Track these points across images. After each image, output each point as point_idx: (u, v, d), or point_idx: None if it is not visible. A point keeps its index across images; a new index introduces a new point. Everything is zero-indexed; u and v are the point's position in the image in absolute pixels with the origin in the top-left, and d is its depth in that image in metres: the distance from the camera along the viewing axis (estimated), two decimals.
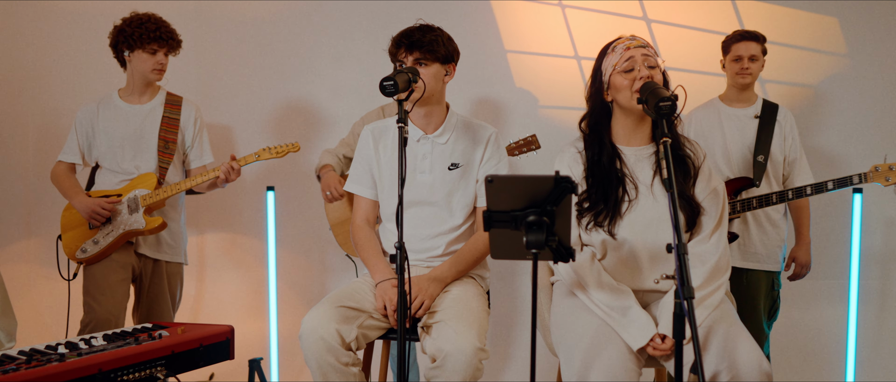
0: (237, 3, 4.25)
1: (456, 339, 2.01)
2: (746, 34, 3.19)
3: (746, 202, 3.09)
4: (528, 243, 1.70)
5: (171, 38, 2.93)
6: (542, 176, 1.69)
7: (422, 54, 2.31)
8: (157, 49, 2.90)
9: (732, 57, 3.21)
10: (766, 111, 3.23)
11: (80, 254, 2.85)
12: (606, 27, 4.19)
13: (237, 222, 4.21)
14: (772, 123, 3.19)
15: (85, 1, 3.91)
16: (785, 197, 3.06)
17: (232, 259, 4.23)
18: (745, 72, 3.17)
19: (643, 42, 2.17)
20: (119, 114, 2.99)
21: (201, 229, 4.27)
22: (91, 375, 1.85)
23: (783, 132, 3.21)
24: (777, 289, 3.23)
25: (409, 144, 2.38)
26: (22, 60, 3.74)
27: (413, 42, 2.31)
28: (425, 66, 2.32)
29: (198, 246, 4.26)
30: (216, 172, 2.87)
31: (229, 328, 2.25)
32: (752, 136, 3.18)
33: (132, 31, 2.86)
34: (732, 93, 3.27)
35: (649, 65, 2.12)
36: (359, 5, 4.20)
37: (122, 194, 2.88)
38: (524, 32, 4.23)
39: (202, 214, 4.22)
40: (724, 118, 3.24)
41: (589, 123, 2.24)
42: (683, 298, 1.72)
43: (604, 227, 2.10)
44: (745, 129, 3.20)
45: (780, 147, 3.20)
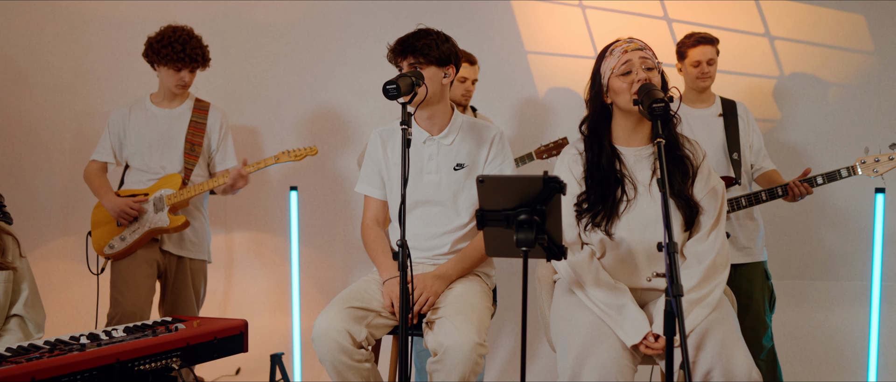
0: (265, 9, 4.37)
1: (455, 334, 2.08)
2: (702, 38, 3.27)
3: (735, 202, 3.12)
4: (518, 241, 1.75)
5: (195, 60, 3.03)
6: (532, 176, 1.74)
7: (415, 58, 2.38)
8: (181, 68, 3.02)
9: (691, 62, 3.28)
10: (727, 109, 3.31)
11: (107, 250, 2.99)
12: (627, 27, 4.20)
13: (263, 221, 4.33)
14: (735, 119, 3.27)
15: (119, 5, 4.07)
16: (775, 194, 3.10)
17: (258, 257, 4.36)
18: (705, 76, 3.26)
19: (640, 44, 2.20)
20: (149, 117, 3.12)
21: (229, 227, 4.41)
22: (109, 364, 1.96)
23: (747, 127, 3.29)
24: (770, 279, 3.27)
25: (415, 145, 2.46)
26: (60, 64, 3.91)
27: (406, 47, 2.38)
28: (421, 69, 2.38)
29: (226, 244, 4.39)
30: (225, 177, 2.96)
31: (243, 323, 2.35)
32: (720, 134, 3.25)
33: (159, 49, 2.99)
34: (692, 95, 3.35)
35: (647, 66, 2.15)
36: (382, 9, 4.28)
37: (149, 194, 3.01)
38: (544, 33, 4.27)
39: (230, 213, 4.35)
40: (690, 120, 3.28)
41: (589, 126, 2.28)
42: (672, 296, 1.76)
43: (601, 227, 2.14)
44: (712, 128, 3.27)
45: (746, 140, 3.28)
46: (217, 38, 4.38)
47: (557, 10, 4.26)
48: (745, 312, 3.18)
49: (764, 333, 3.21)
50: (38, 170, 3.74)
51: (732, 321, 2.04)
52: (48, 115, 3.81)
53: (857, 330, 3.77)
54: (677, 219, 2.15)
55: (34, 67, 3.76)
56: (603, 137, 2.24)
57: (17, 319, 2.29)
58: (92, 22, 4.01)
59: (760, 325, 3.19)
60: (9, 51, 3.63)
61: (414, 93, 2.18)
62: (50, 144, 3.84)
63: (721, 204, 2.19)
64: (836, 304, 3.93)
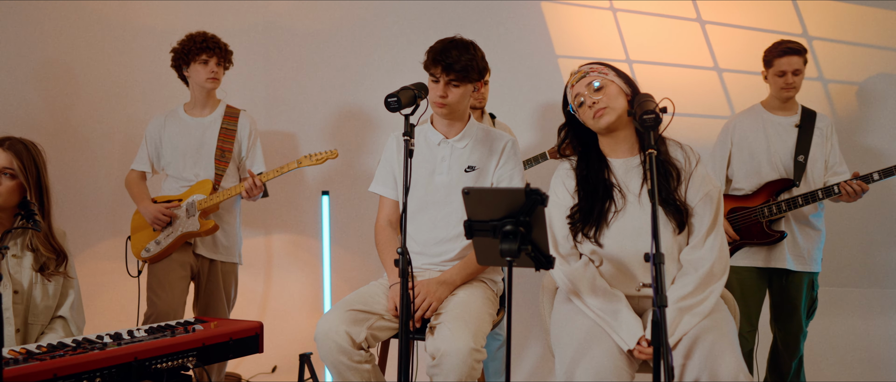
0: (302, 18, 4.51)
1: (452, 339, 2.14)
2: (789, 48, 3.20)
3: (792, 202, 3.11)
4: (503, 251, 1.81)
5: (218, 47, 3.17)
6: (515, 189, 1.79)
7: (456, 76, 2.44)
8: (208, 59, 3.17)
9: (776, 71, 3.22)
10: (805, 119, 3.26)
11: (144, 254, 3.16)
12: (658, 30, 4.18)
13: (300, 224, 4.48)
14: (811, 128, 3.22)
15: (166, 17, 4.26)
16: (831, 192, 3.07)
17: (295, 259, 4.50)
18: (790, 86, 3.20)
19: (583, 72, 2.25)
20: (183, 126, 3.28)
21: (268, 230, 4.57)
22: (127, 362, 2.09)
23: (823, 137, 3.23)
24: (816, 290, 3.24)
25: (429, 147, 2.55)
26: (109, 75, 4.13)
27: (449, 65, 2.43)
28: (456, 86, 2.46)
29: (265, 247, 4.56)
30: (242, 187, 3.09)
31: (258, 325, 2.46)
32: (792, 142, 3.22)
33: (184, 48, 3.15)
34: (775, 102, 3.30)
35: (597, 84, 2.19)
36: (413, 14, 4.36)
37: (183, 199, 3.17)
38: (575, 37, 4.27)
39: (269, 216, 4.51)
40: (767, 125, 3.28)
41: (572, 143, 2.35)
42: (657, 306, 1.78)
43: (590, 237, 2.17)
44: (786, 136, 3.24)
45: (822, 151, 3.22)
46: (258, 47, 4.55)
47: (588, 14, 4.26)
48: (790, 318, 3.21)
49: (802, 338, 3.23)
50: (88, 174, 3.96)
51: (725, 328, 2.04)
52: (98, 122, 4.02)
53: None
54: (668, 225, 2.16)
55: (86, 75, 3.98)
56: (591, 149, 2.29)
57: (62, 320, 2.46)
58: (140, 33, 4.21)
59: (798, 330, 3.22)
60: (66, 58, 3.85)
61: (416, 105, 2.25)
62: (100, 149, 4.06)
63: (716, 209, 2.20)
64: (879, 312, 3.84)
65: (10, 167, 2.35)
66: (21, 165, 2.37)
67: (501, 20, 4.33)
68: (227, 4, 4.45)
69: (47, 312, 2.41)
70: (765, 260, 3.18)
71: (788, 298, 3.20)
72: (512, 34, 4.31)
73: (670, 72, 4.16)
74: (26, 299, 2.35)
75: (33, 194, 2.39)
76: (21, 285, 2.34)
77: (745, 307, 3.20)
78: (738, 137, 3.31)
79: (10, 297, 2.31)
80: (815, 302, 3.24)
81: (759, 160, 3.23)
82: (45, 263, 2.38)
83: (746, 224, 3.18)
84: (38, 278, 2.37)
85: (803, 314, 3.20)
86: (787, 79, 3.18)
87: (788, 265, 3.15)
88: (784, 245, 3.15)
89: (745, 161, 3.27)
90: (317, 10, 4.53)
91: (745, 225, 3.18)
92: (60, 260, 2.43)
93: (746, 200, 3.21)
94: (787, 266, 3.15)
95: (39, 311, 2.37)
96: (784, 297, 3.22)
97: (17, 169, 2.36)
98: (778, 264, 3.16)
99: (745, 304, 3.19)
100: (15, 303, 2.33)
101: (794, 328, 3.21)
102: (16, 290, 2.33)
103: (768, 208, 3.14)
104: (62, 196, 3.85)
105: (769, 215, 3.13)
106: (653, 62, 4.19)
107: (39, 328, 2.40)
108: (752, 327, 3.23)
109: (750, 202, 3.20)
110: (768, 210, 3.14)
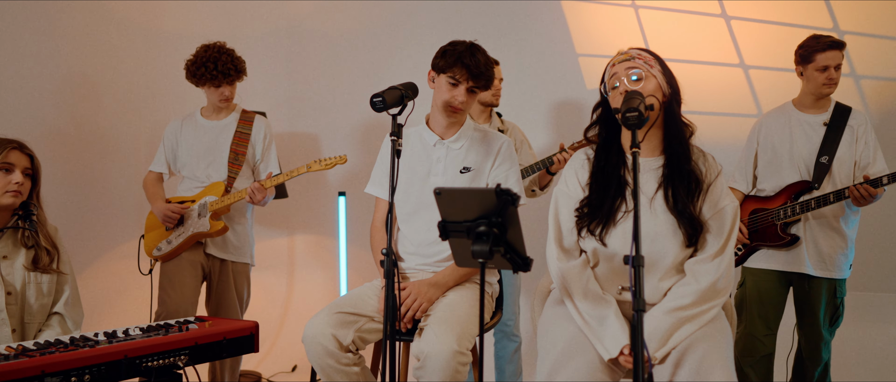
0: (324, 21, 4.54)
1: (435, 342, 2.12)
2: (833, 43, 3.02)
3: (805, 204, 2.98)
4: (474, 252, 1.77)
5: (229, 74, 3.19)
6: (485, 189, 1.75)
7: (478, 83, 2.44)
8: (220, 83, 3.20)
9: (817, 66, 3.04)
10: (836, 116, 3.08)
11: (155, 252, 3.23)
12: (682, 26, 4.08)
13: (321, 224, 4.51)
14: (841, 126, 3.04)
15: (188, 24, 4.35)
16: (841, 195, 2.92)
17: (317, 259, 4.54)
18: (832, 82, 3.04)
19: (629, 55, 2.15)
20: (198, 129, 3.33)
21: (291, 231, 4.62)
22: (117, 360, 2.12)
23: (855, 135, 3.04)
24: (840, 297, 3.07)
25: (425, 148, 2.54)
26: (134, 79, 4.23)
27: (477, 74, 2.42)
28: (475, 92, 2.46)
29: (287, 247, 4.61)
30: (245, 192, 3.12)
31: (254, 324, 2.47)
32: (818, 141, 3.06)
33: (195, 71, 3.19)
34: (808, 100, 3.13)
35: (635, 76, 2.10)
36: (434, 15, 4.36)
37: (195, 200, 3.22)
38: (596, 35, 4.20)
39: (291, 217, 4.56)
40: (794, 124, 3.12)
41: (601, 132, 2.25)
42: (635, 310, 1.72)
43: (596, 234, 2.11)
44: (813, 135, 3.08)
45: (850, 151, 3.03)
46: (281, 50, 4.61)
47: (609, 11, 4.18)
48: (812, 325, 3.08)
49: (824, 346, 3.08)
50: (114, 177, 4.06)
51: (719, 339, 1.96)
52: (123, 126, 4.13)
53: None
54: (678, 235, 2.08)
55: (110, 82, 4.09)
56: (613, 142, 2.21)
57: (58, 316, 2.53)
58: (162, 39, 4.31)
59: (817, 336, 3.07)
60: (85, 68, 3.97)
61: (404, 105, 2.24)
62: (125, 153, 4.16)
63: (731, 227, 2.09)
64: None
65: (29, 167, 2.46)
66: (33, 166, 2.49)
67: (521, 19, 4.28)
68: (250, 8, 4.52)
69: (43, 310, 2.47)
70: (784, 263, 3.06)
71: (808, 304, 3.06)
72: (532, 33, 4.26)
73: (695, 69, 4.05)
74: (21, 299, 2.42)
75: (35, 191, 2.48)
76: (14, 286, 2.41)
77: (762, 310, 3.09)
78: (764, 136, 3.18)
79: (2, 298, 2.37)
80: (838, 310, 3.07)
81: (780, 161, 3.10)
82: (37, 256, 2.45)
83: (762, 226, 3.07)
84: (31, 277, 2.44)
85: (824, 322, 3.05)
86: (829, 74, 3.00)
87: (808, 269, 3.02)
88: (803, 249, 3.02)
89: (769, 162, 3.14)
90: (339, 12, 4.56)
91: (762, 227, 3.07)
92: (52, 254, 2.49)
93: (768, 202, 3.10)
94: (807, 271, 3.02)
95: (35, 310, 2.44)
96: (804, 302, 3.08)
97: (32, 170, 2.47)
98: (798, 268, 3.03)
99: (762, 307, 3.09)
100: (9, 304, 2.39)
101: (814, 336, 3.07)
102: (9, 291, 2.40)
103: (784, 210, 3.02)
104: (88, 199, 3.97)
105: (784, 218, 3.01)
106: (676, 60, 4.07)
107: (36, 326, 2.46)
108: (770, 331, 3.11)
109: (770, 204, 3.09)
110: (783, 213, 3.02)
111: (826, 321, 3.06)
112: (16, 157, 2.42)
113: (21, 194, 2.43)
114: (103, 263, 4.01)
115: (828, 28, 3.88)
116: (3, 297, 2.39)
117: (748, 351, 3.12)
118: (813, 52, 3.03)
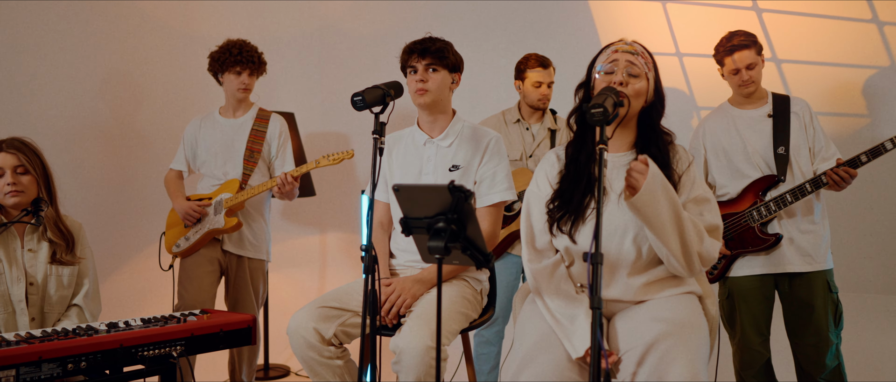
0: (356, 24, 4.63)
1: (409, 337, 2.14)
2: (735, 45, 2.95)
3: (781, 200, 2.87)
4: (430, 248, 1.80)
5: (251, 61, 3.32)
6: (439, 186, 1.77)
7: (433, 60, 2.49)
8: (241, 71, 3.32)
9: (729, 70, 2.99)
10: (778, 106, 3.00)
11: (174, 249, 3.36)
12: (711, 20, 3.97)
13: (352, 222, 4.60)
14: (786, 115, 2.96)
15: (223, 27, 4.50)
16: (819, 183, 2.83)
17: (348, 256, 4.63)
18: (747, 83, 2.97)
19: (635, 49, 2.13)
20: (216, 127, 3.46)
21: (323, 228, 4.72)
22: (113, 349, 2.24)
23: (802, 122, 2.96)
24: (835, 291, 2.92)
25: (416, 147, 2.57)
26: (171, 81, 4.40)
27: (425, 49, 2.49)
28: (436, 71, 2.48)
29: (320, 244, 4.71)
30: (273, 182, 3.20)
31: (251, 318, 2.55)
32: (768, 134, 2.96)
33: (219, 57, 3.32)
34: (740, 98, 3.07)
35: (632, 73, 2.08)
36: (462, 14, 4.38)
37: (212, 198, 3.34)
38: (622, 31, 4.13)
39: (323, 215, 4.66)
40: (738, 122, 3.04)
41: (577, 122, 2.22)
42: (591, 308, 1.71)
43: (565, 231, 2.09)
44: (761, 129, 2.99)
45: (803, 138, 2.94)
46: (313, 50, 4.72)
47: (636, 7, 4.11)
48: (806, 326, 2.91)
49: (827, 350, 2.90)
50: (151, 176, 4.24)
51: (687, 335, 1.90)
52: (160, 127, 4.30)
53: None
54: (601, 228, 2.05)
55: (148, 83, 4.27)
56: (588, 135, 2.18)
57: (77, 308, 2.67)
58: (198, 42, 4.46)
59: (822, 341, 2.89)
60: (126, 68, 4.15)
61: (385, 104, 2.27)
62: (161, 153, 4.34)
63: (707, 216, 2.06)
64: None
65: (20, 164, 2.55)
66: (28, 159, 2.55)
67: (546, 16, 4.26)
68: (284, 10, 4.64)
69: (62, 301, 2.61)
70: (764, 266, 2.92)
71: (801, 303, 2.89)
72: (558, 32, 4.23)
73: None
74: (41, 290, 2.56)
75: (42, 184, 2.58)
76: (35, 278, 2.55)
77: (752, 318, 2.96)
78: (710, 140, 3.07)
79: (23, 289, 2.52)
80: (838, 306, 2.91)
81: (736, 160, 2.99)
82: (56, 249, 2.58)
83: (738, 232, 2.94)
84: (52, 270, 2.57)
85: (830, 320, 2.88)
86: (741, 77, 2.96)
87: (794, 267, 2.88)
88: (784, 247, 2.89)
89: (723, 164, 3.02)
90: (370, 13, 4.63)
91: (738, 233, 2.94)
92: (70, 244, 2.61)
93: (733, 205, 2.97)
94: (793, 269, 2.88)
95: (54, 301, 2.58)
96: (796, 303, 2.92)
97: (26, 164, 2.55)
98: (781, 268, 2.89)
99: (751, 315, 2.96)
100: (31, 294, 2.54)
101: (813, 338, 2.88)
102: (31, 282, 2.54)
103: (757, 210, 2.90)
104: (127, 196, 4.16)
105: (759, 218, 2.89)
106: (705, 55, 3.96)
107: (56, 316, 2.60)
108: (763, 337, 2.98)
109: (737, 207, 2.96)
110: (758, 213, 2.90)
111: (832, 322, 2.89)
112: (1, 158, 2.52)
113: (23, 193, 2.53)
114: (142, 258, 4.19)
115: (866, 18, 3.70)
116: (25, 287, 2.54)
117: (748, 363, 3.00)
118: (722, 54, 2.98)
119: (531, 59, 3.59)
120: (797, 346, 2.97)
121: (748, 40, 2.96)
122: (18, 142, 2.57)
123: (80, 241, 2.70)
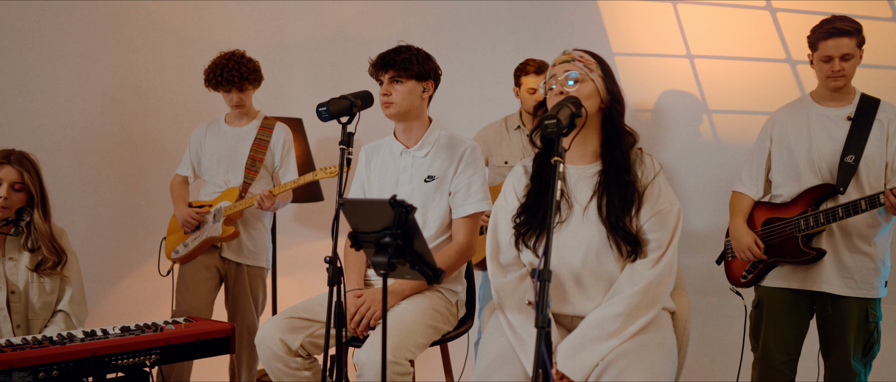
0: (368, 28, 4.62)
1: (371, 350, 2.12)
2: (836, 29, 2.67)
3: (831, 213, 2.62)
4: (374, 264, 1.77)
5: (232, 81, 3.30)
6: (381, 200, 1.74)
7: (396, 72, 2.47)
8: (230, 89, 3.34)
9: (821, 56, 2.71)
10: (862, 109, 2.71)
11: (173, 255, 3.40)
12: (723, 20, 3.85)
13: None
14: (869, 121, 2.67)
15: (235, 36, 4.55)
16: (875, 203, 2.53)
17: None
18: (837, 74, 2.68)
19: (571, 57, 2.08)
20: (221, 135, 3.49)
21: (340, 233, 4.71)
22: (86, 358, 2.27)
23: (885, 131, 2.67)
24: (874, 321, 2.69)
25: (393, 157, 2.55)
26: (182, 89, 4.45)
27: (387, 62, 2.48)
28: (401, 82, 2.46)
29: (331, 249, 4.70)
30: (253, 200, 3.21)
31: (230, 326, 2.56)
32: (841, 138, 2.70)
33: (207, 76, 3.36)
34: (824, 92, 2.80)
35: (572, 79, 2.02)
36: (470, 16, 4.33)
37: (213, 205, 3.37)
38: (632, 33, 4.03)
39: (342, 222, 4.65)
40: (813, 119, 2.78)
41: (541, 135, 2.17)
42: (536, 326, 1.65)
43: (530, 246, 2.04)
44: (835, 131, 2.73)
45: (880, 150, 2.67)
46: (325, 55, 4.73)
47: (647, 8, 4.00)
48: (833, 349, 2.73)
49: (850, 377, 2.70)
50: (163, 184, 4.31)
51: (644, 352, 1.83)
52: (172, 135, 4.37)
53: None
54: (611, 252, 1.98)
55: (160, 92, 4.33)
56: (552, 148, 2.13)
57: (63, 314, 2.72)
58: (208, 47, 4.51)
59: (846, 369, 2.70)
60: (136, 79, 4.23)
61: (352, 114, 2.25)
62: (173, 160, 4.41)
63: (673, 229, 1.98)
64: None
65: (20, 181, 2.62)
66: (30, 178, 2.63)
67: (555, 18, 4.18)
68: (294, 15, 4.66)
69: (46, 308, 2.66)
70: (802, 281, 2.72)
71: (835, 328, 2.70)
72: (567, 33, 4.14)
73: (738, 66, 3.80)
74: (24, 298, 2.62)
75: (38, 201, 2.64)
76: (17, 286, 2.61)
77: (779, 334, 2.79)
78: (778, 134, 2.84)
79: (4, 297, 2.57)
80: (871, 336, 2.69)
81: (798, 161, 2.76)
82: (41, 260, 2.63)
83: (781, 239, 2.74)
84: (34, 277, 2.63)
85: (855, 351, 2.68)
86: (833, 65, 2.66)
87: (833, 288, 2.67)
88: (826, 265, 2.67)
89: (784, 162, 2.81)
90: (381, 16, 4.62)
91: (780, 240, 2.74)
92: (60, 261, 2.67)
93: (783, 209, 2.77)
94: (830, 290, 2.67)
95: (38, 308, 2.63)
96: (829, 326, 2.72)
97: (27, 182, 2.63)
98: (819, 286, 2.69)
99: (777, 330, 2.78)
100: (14, 302, 2.60)
101: (840, 365, 2.70)
102: (12, 290, 2.60)
103: (805, 220, 2.68)
104: (136, 201, 4.23)
105: (805, 229, 2.68)
106: (718, 56, 3.85)
107: (41, 322, 2.66)
108: (789, 358, 2.80)
109: (787, 212, 2.75)
110: (805, 223, 2.68)
111: (857, 351, 2.69)
112: (5, 172, 2.60)
113: (10, 209, 2.59)
114: (150, 264, 4.25)
115: (886, 17, 3.53)
116: (7, 296, 2.60)
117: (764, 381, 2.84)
118: (817, 38, 2.70)
119: (528, 65, 3.54)
120: (826, 370, 2.78)
121: (852, 28, 2.68)
122: (26, 159, 2.64)
123: (67, 252, 2.75)
